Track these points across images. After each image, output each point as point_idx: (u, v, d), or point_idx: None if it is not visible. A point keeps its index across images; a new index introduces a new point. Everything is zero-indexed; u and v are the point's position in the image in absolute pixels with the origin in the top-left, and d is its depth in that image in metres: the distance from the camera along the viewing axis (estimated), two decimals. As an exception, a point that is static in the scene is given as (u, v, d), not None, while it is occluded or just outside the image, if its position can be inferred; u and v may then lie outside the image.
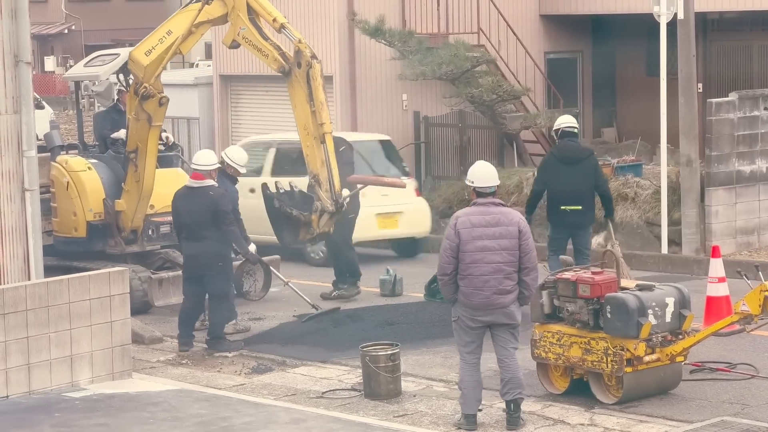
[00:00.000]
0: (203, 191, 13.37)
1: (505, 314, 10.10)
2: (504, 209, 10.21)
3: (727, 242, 17.31)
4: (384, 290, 15.83)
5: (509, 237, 10.05)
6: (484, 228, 10.05)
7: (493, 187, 10.25)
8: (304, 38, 14.64)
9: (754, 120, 17.77)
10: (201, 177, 13.45)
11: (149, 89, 14.53)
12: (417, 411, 10.80)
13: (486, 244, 10.03)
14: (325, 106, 14.27)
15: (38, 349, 10.83)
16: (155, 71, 14.56)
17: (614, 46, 25.41)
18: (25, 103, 11.94)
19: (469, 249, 10.05)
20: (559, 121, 14.79)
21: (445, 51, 22.02)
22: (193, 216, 13.30)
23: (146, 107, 14.61)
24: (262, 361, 12.85)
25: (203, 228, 13.26)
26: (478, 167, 10.37)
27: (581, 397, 10.94)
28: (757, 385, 11.27)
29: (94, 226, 15.33)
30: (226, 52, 24.96)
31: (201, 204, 13.30)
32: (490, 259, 10.02)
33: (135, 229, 15.24)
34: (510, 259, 10.05)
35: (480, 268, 10.02)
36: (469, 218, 10.13)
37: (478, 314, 10.10)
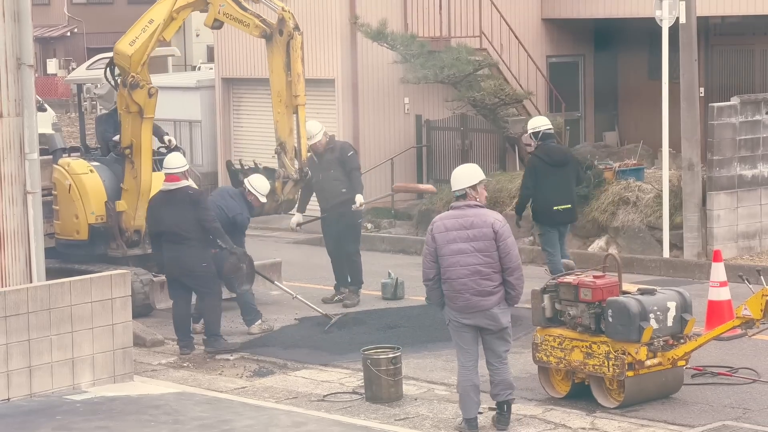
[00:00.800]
0: (182, 192, 13.39)
1: (488, 317, 10.07)
2: (479, 210, 10.16)
3: (728, 246, 17.30)
4: (386, 294, 15.82)
5: (484, 239, 10.03)
6: (458, 231, 10.07)
7: (463, 189, 10.22)
8: (288, 7, 14.80)
9: (756, 124, 17.76)
10: (176, 179, 13.45)
11: (136, 78, 14.56)
12: (418, 414, 10.80)
13: (461, 246, 10.03)
14: (301, 78, 14.47)
15: (40, 351, 10.82)
16: (140, 60, 14.60)
17: (616, 50, 25.42)
18: (28, 105, 11.95)
19: (445, 253, 10.07)
20: (537, 123, 14.95)
21: (447, 54, 22.03)
22: (175, 218, 13.27)
23: (136, 98, 14.62)
24: (264, 364, 12.85)
25: (185, 230, 13.26)
26: (455, 171, 10.39)
27: (582, 401, 10.94)
28: (758, 390, 11.26)
29: (96, 229, 15.32)
30: (228, 55, 25.00)
31: (181, 206, 13.31)
32: (465, 262, 10.02)
33: (138, 229, 15.21)
34: (486, 261, 10.02)
35: (456, 271, 10.03)
36: (444, 222, 10.16)
37: (463, 317, 10.11)
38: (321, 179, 15.40)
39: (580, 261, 15.93)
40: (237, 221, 14.08)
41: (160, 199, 13.53)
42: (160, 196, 13.60)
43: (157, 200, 13.60)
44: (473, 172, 10.28)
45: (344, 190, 15.31)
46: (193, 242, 13.27)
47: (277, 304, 15.48)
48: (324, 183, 15.41)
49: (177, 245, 13.27)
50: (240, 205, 14.20)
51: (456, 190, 10.27)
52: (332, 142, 15.55)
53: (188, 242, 13.25)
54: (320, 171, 15.41)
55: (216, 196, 14.45)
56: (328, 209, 15.51)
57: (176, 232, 13.26)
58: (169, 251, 13.38)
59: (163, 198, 13.49)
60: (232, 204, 14.17)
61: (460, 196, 10.24)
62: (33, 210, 12.00)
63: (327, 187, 15.39)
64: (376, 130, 23.02)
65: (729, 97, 18.25)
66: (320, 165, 15.40)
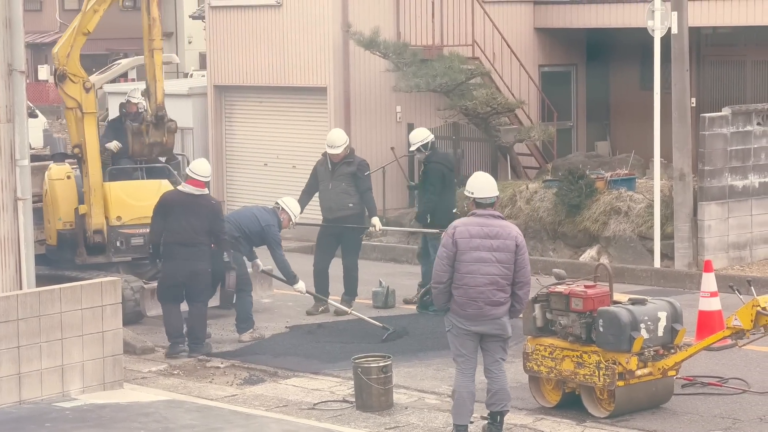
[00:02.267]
0: (205, 199, 13.58)
1: (496, 326, 10.10)
2: (503, 222, 10.20)
3: (719, 257, 17.33)
4: (377, 302, 15.81)
5: (506, 250, 10.04)
6: (482, 239, 10.05)
7: (492, 198, 10.24)
8: None
9: (747, 135, 17.80)
10: (202, 185, 13.57)
11: (63, 70, 14.59)
12: (409, 423, 10.79)
13: (483, 255, 10.02)
14: (156, 23, 14.63)
15: (29, 358, 10.79)
16: (66, 53, 14.66)
17: (608, 60, 25.46)
18: (19, 111, 11.92)
19: (466, 259, 10.04)
20: (423, 135, 15.61)
21: (439, 63, 22.04)
22: (192, 222, 13.37)
23: (68, 92, 14.65)
24: (254, 372, 12.83)
25: (199, 234, 13.39)
26: (478, 178, 10.36)
27: (573, 411, 10.94)
28: (748, 400, 11.27)
29: (63, 235, 15.28)
30: (220, 63, 24.99)
31: (203, 211, 13.43)
32: (485, 271, 10.02)
33: (98, 229, 15.07)
34: (505, 272, 10.05)
35: (475, 279, 10.02)
36: (468, 229, 10.12)
37: (470, 324, 10.10)
38: (330, 189, 15.38)
39: (571, 271, 15.91)
40: (268, 232, 14.29)
41: (182, 200, 13.57)
42: (177, 196, 13.64)
43: (178, 200, 13.61)
44: (494, 183, 10.35)
45: (351, 205, 15.34)
46: (203, 248, 13.43)
47: (268, 311, 15.46)
48: (332, 193, 15.38)
49: (189, 249, 13.36)
50: (272, 217, 14.46)
51: (484, 198, 10.20)
52: (351, 156, 15.53)
53: (200, 247, 13.39)
54: (331, 181, 15.39)
55: (253, 208, 14.91)
56: (330, 220, 15.48)
57: (192, 235, 13.37)
58: (181, 255, 13.42)
59: (185, 199, 13.54)
60: (265, 215, 14.45)
61: (489, 204, 10.22)
62: (23, 216, 11.97)
63: (334, 198, 15.37)
64: (368, 139, 23.00)
65: (720, 107, 18.29)
66: (333, 174, 15.38)
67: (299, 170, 23.47)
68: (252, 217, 14.41)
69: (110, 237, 15.08)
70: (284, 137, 24.04)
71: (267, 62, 23.94)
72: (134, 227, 15.03)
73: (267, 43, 23.90)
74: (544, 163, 23.32)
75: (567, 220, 18.92)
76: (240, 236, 14.23)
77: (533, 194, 19.56)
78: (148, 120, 15.01)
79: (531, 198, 19.53)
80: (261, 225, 14.33)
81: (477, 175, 10.45)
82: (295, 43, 23.41)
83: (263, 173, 24.09)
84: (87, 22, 14.63)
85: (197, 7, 45.55)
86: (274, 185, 23.34)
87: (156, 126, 14.96)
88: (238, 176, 25.00)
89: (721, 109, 18.02)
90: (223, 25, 24.81)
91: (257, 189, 24.09)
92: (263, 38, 23.97)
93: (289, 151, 23.81)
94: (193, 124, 25.41)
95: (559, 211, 18.99)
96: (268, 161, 24.08)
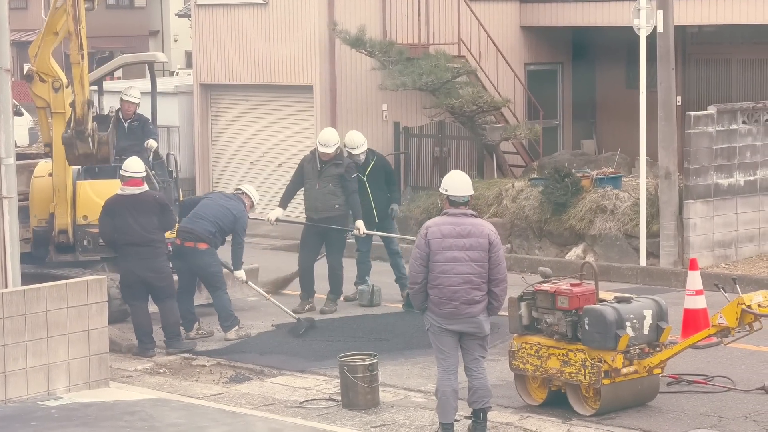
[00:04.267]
0: (148, 196, 13.67)
1: (473, 324, 10.10)
2: (475, 220, 10.19)
3: (704, 255, 17.37)
4: (362, 300, 15.82)
5: (479, 249, 10.05)
6: (454, 239, 10.05)
7: (466, 196, 10.24)
8: None
9: (733, 133, 17.84)
10: (140, 183, 13.67)
11: (31, 70, 14.41)
12: (395, 422, 10.79)
13: (456, 255, 10.03)
14: (73, 36, 13.79)
15: (14, 357, 10.76)
16: (34, 52, 14.47)
17: (594, 59, 25.49)
18: (4, 110, 11.87)
19: (439, 259, 10.05)
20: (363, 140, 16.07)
21: (425, 62, 22.05)
22: (141, 221, 13.44)
23: (36, 91, 14.47)
24: (240, 370, 12.82)
25: (151, 232, 13.48)
26: (453, 176, 10.37)
27: (559, 409, 10.95)
28: (733, 398, 11.30)
29: (37, 233, 15.28)
30: (206, 61, 24.95)
31: (149, 208, 13.53)
32: (459, 270, 10.02)
33: (63, 230, 15.02)
34: (479, 271, 10.04)
35: (449, 279, 10.03)
36: (440, 228, 10.13)
37: (446, 323, 10.11)
38: (317, 189, 15.33)
39: (557, 269, 15.95)
40: (240, 219, 14.25)
41: (121, 203, 13.58)
42: (120, 199, 13.64)
43: (118, 203, 13.61)
44: (470, 182, 10.33)
45: (337, 206, 15.31)
46: (158, 244, 13.53)
47: (255, 309, 15.45)
48: (318, 193, 15.35)
49: (143, 248, 13.40)
50: (240, 204, 14.45)
51: (458, 196, 10.21)
52: (340, 158, 15.50)
53: (154, 244, 13.46)
54: (318, 180, 15.36)
55: (212, 197, 14.68)
56: (315, 220, 15.46)
57: (143, 234, 13.41)
58: (136, 255, 13.44)
59: (124, 201, 13.56)
60: (234, 203, 14.42)
61: (462, 203, 10.22)
62: (9, 215, 11.92)
63: (321, 198, 15.34)
64: (354, 137, 22.99)
65: (706, 106, 18.32)
66: (321, 174, 15.36)
67: (285, 168, 23.43)
68: (222, 209, 14.27)
69: (77, 236, 15.05)
70: (270, 136, 24.02)
71: (253, 60, 23.92)
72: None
73: (253, 42, 23.88)
74: (530, 162, 23.35)
75: (553, 219, 18.94)
76: (216, 231, 14.20)
77: (519, 192, 19.57)
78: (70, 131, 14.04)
79: (517, 196, 19.54)
80: (233, 214, 14.27)
81: (453, 173, 10.46)
82: (282, 41, 23.39)
83: (249, 171, 24.06)
84: (55, 23, 14.36)
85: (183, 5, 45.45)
86: (260, 183, 23.26)
87: (80, 139, 13.94)
88: (224, 174, 24.97)
89: (707, 107, 18.05)
90: (210, 23, 24.78)
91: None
92: (249, 36, 23.95)
93: (275, 150, 23.79)
94: (179, 122, 25.38)
95: (545, 209, 19.01)
96: (254, 159, 24.06)
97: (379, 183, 15.84)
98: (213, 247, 14.12)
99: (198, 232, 13.98)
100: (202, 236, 13.96)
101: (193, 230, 14.00)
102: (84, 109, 13.81)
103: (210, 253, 14.05)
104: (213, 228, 14.10)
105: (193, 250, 13.94)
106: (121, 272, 13.79)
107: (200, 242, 13.97)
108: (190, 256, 13.96)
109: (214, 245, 14.17)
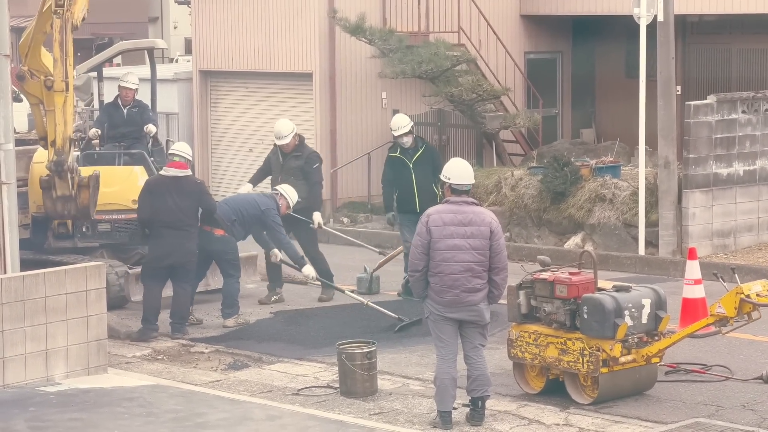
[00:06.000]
0: (190, 180, 13.70)
1: (473, 312, 10.11)
2: (477, 209, 10.20)
3: (703, 244, 17.37)
4: (360, 288, 15.81)
5: (480, 237, 10.05)
6: (455, 227, 10.05)
7: (468, 185, 10.25)
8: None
9: (732, 123, 17.83)
10: (184, 166, 13.66)
11: (21, 69, 14.08)
12: (392, 409, 10.80)
13: (457, 243, 10.03)
14: (58, 64, 13.54)
15: (13, 343, 10.78)
16: (25, 51, 14.23)
17: (594, 48, 25.46)
18: (3, 95, 11.85)
19: (440, 247, 10.05)
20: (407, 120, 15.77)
21: (425, 50, 22.02)
22: (181, 204, 13.48)
23: (30, 90, 14.12)
24: (239, 357, 12.83)
25: (189, 216, 13.53)
26: (456, 164, 10.36)
27: (557, 397, 10.96)
28: (731, 387, 11.32)
29: (36, 219, 15.20)
30: (206, 48, 24.93)
31: (189, 192, 13.57)
32: (460, 258, 10.03)
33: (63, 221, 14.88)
34: (480, 259, 10.05)
35: (450, 267, 10.03)
36: (441, 216, 10.13)
37: (447, 311, 10.11)
38: (279, 181, 15.25)
39: (556, 257, 15.97)
40: (267, 215, 14.26)
41: (164, 184, 13.58)
42: (162, 180, 13.63)
43: (161, 184, 13.61)
44: (472, 170, 10.33)
45: (300, 200, 15.06)
46: (192, 229, 13.58)
47: (253, 297, 15.45)
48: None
49: (180, 231, 13.45)
50: (272, 203, 14.45)
51: (461, 184, 10.21)
52: (300, 149, 15.38)
53: (189, 229, 13.53)
54: (281, 174, 15.30)
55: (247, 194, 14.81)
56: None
57: (181, 218, 13.46)
58: (171, 237, 13.45)
59: (167, 183, 13.57)
60: (264, 200, 14.43)
61: (464, 191, 10.21)
62: (8, 201, 11.92)
63: None
64: (353, 125, 22.99)
65: (706, 95, 18.31)
66: (282, 168, 15.30)
67: (284, 156, 23.44)
68: (251, 201, 14.39)
69: (76, 223, 14.99)
70: (270, 123, 23.87)
71: (253, 47, 23.89)
72: (101, 213, 14.84)
73: (253, 29, 23.84)
74: (530, 150, 23.34)
75: (552, 207, 18.94)
76: (236, 220, 14.20)
77: (518, 181, 19.56)
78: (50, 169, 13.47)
79: (516, 185, 19.54)
80: (260, 209, 14.29)
81: (455, 160, 10.45)
82: (281, 28, 23.35)
83: (248, 159, 24.02)
84: (44, 23, 14.04)
85: (183, -9, 45.38)
86: (259, 171, 23.30)
87: (59, 176, 13.42)
88: (223, 162, 24.96)
89: (707, 97, 18.04)
90: (209, 10, 24.74)
91: (242, 174, 23.97)
92: (249, 23, 23.91)
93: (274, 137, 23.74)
94: (178, 109, 25.35)
95: (544, 198, 19.00)
96: (254, 147, 24.03)
97: (425, 172, 15.27)
98: (230, 235, 14.10)
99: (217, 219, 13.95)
100: (220, 222, 13.95)
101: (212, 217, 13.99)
102: (65, 141, 13.36)
103: (225, 241, 14.01)
104: (234, 216, 14.14)
105: (209, 235, 13.92)
106: (151, 252, 13.76)
107: (217, 228, 13.97)
108: (205, 240, 13.93)
109: (232, 234, 14.14)
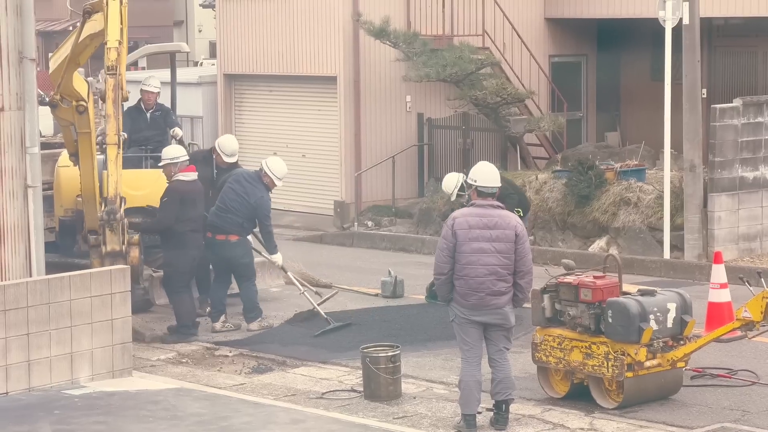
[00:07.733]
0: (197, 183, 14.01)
1: (498, 315, 10.10)
2: (502, 212, 10.18)
3: (729, 248, 17.29)
4: (385, 292, 15.81)
5: (506, 240, 10.04)
6: (481, 230, 10.04)
7: (495, 188, 10.24)
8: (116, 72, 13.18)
9: (758, 126, 17.75)
10: (193, 169, 14.01)
11: (50, 97, 13.63)
12: (417, 413, 10.79)
13: (482, 246, 10.02)
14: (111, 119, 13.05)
15: (39, 346, 10.81)
16: (56, 81, 13.65)
17: (619, 51, 25.40)
18: (29, 99, 11.92)
19: (466, 250, 10.04)
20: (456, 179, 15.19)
21: (449, 53, 22.01)
22: (203, 209, 13.94)
23: (62, 115, 13.66)
24: (263, 360, 12.84)
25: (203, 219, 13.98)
26: (482, 167, 10.35)
27: (581, 402, 10.93)
28: (757, 392, 11.26)
29: (63, 222, 15.19)
30: (230, 51, 24.99)
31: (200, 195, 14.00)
32: (485, 261, 10.01)
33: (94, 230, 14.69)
34: (505, 262, 10.04)
35: (475, 270, 10.02)
36: (467, 219, 10.12)
37: (472, 314, 10.10)
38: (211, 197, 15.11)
39: (580, 261, 15.91)
40: (259, 205, 14.11)
41: (193, 190, 13.81)
42: (190, 187, 13.78)
43: (191, 191, 13.78)
44: (498, 173, 10.32)
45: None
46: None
47: (277, 300, 15.46)
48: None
49: (201, 235, 13.87)
50: (259, 188, 14.22)
51: (487, 187, 10.21)
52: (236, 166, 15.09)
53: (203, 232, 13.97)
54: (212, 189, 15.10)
55: (233, 184, 14.25)
56: None
57: (201, 223, 13.84)
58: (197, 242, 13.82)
59: (195, 189, 13.84)
60: (251, 189, 14.19)
61: (490, 194, 10.21)
62: (33, 204, 11.98)
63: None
64: (377, 128, 23.00)
65: (731, 98, 18.24)
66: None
67: (309, 159, 23.48)
68: (241, 199, 14.04)
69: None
70: (294, 126, 24.03)
71: (277, 51, 23.93)
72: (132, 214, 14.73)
73: (277, 32, 23.89)
74: (554, 154, 23.30)
75: (576, 211, 18.90)
76: (243, 221, 14.18)
77: (543, 185, 19.54)
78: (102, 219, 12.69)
79: (540, 188, 19.51)
80: (251, 203, 14.07)
81: (482, 164, 10.44)
82: (306, 32, 23.39)
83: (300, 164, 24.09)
84: (79, 54, 13.61)
85: (208, -5, 45.49)
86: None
87: (111, 228, 12.59)
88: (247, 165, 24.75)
89: (732, 100, 17.97)
90: (234, 13, 24.80)
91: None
92: (273, 27, 23.96)
93: (298, 141, 23.81)
94: (202, 112, 25.43)
95: (569, 201, 18.97)
96: (278, 150, 24.04)
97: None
98: (244, 236, 14.14)
99: (227, 227, 13.95)
100: (232, 230, 13.97)
101: (221, 226, 13.97)
102: (117, 192, 12.73)
103: (241, 244, 14.04)
104: (240, 219, 14.11)
105: (224, 243, 13.91)
106: (182, 260, 13.71)
107: (231, 234, 13.99)
108: (221, 249, 13.94)
109: (245, 233, 14.18)
